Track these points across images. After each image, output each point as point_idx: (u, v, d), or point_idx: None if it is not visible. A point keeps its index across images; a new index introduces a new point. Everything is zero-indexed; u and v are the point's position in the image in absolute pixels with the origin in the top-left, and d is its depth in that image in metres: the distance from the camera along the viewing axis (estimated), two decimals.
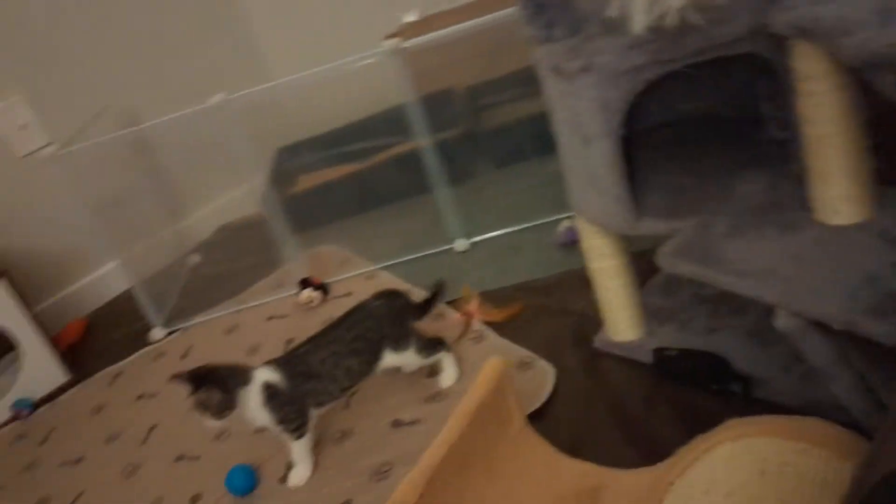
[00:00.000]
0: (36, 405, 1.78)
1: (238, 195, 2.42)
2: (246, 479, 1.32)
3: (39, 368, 1.79)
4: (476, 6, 1.77)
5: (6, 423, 1.75)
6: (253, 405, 1.23)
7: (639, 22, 0.97)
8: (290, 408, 1.25)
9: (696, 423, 1.00)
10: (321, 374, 1.27)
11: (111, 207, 1.85)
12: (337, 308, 1.77)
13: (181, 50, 2.29)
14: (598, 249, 1.23)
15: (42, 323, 1.80)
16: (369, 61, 1.62)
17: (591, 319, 1.39)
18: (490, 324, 1.51)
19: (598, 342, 1.35)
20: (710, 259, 1.02)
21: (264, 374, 1.25)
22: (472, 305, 1.53)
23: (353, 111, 2.32)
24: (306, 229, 2.01)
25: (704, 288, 1.31)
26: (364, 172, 2.21)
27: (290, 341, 1.71)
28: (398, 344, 1.34)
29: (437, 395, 1.39)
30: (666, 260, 1.06)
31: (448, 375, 1.40)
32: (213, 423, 1.21)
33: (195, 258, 2.26)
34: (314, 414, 1.29)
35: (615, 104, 1.05)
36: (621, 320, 1.28)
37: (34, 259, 2.03)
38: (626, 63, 1.02)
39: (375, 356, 1.33)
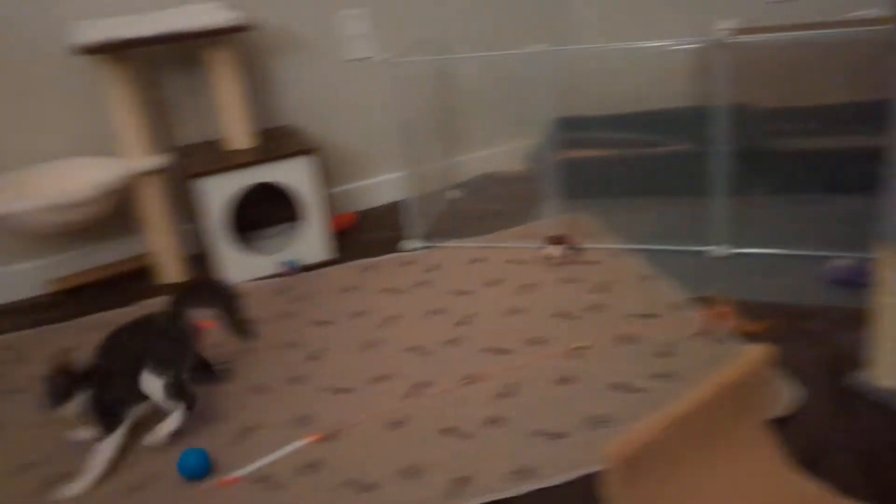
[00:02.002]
0: (301, 269, 2.03)
1: (507, 150, 2.56)
2: (199, 462, 1.32)
3: (313, 241, 2.05)
4: (802, 26, 1.73)
5: (275, 276, 2.02)
6: None
7: None
8: None
9: None
10: None
11: (407, 126, 2.04)
12: (575, 271, 1.85)
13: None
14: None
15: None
16: (695, 46, 1.65)
17: (847, 357, 1.34)
18: (739, 333, 1.50)
19: (852, 380, 1.30)
20: None
21: None
22: (724, 310, 1.53)
23: (643, 101, 2.35)
24: (565, 196, 2.09)
25: None
26: (637, 159, 2.25)
27: (526, 287, 1.81)
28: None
29: (669, 375, 1.42)
30: None
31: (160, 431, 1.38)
32: None
33: (455, 193, 2.43)
34: None
35: None
36: (892, 364, 1.22)
37: (338, 150, 2.31)
38: None
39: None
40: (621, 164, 2.27)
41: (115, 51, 1.78)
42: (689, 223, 1.96)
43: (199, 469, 1.31)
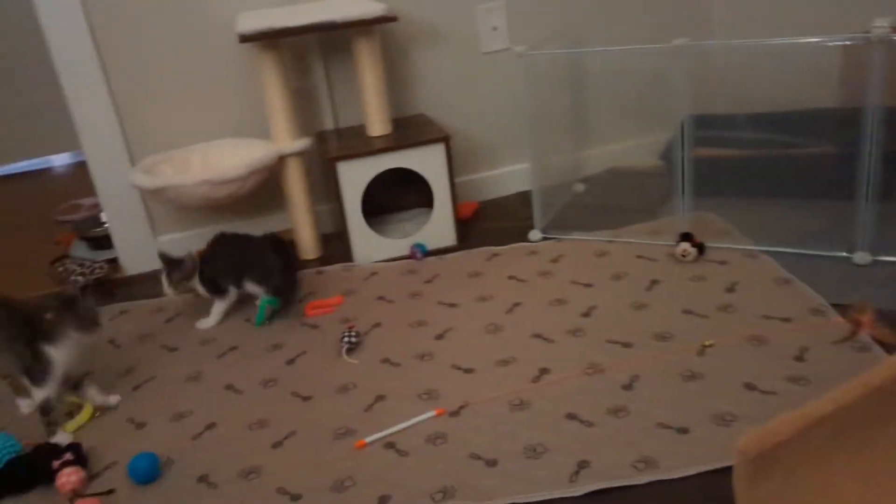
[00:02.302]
0: (427, 253, 2.11)
1: (635, 145, 2.53)
2: (149, 466, 1.35)
3: (440, 226, 2.12)
4: None
5: (404, 259, 2.11)
6: None
7: None
8: None
9: None
10: None
11: (537, 118, 2.07)
12: (705, 270, 1.82)
13: None
14: None
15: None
16: (847, 43, 1.58)
17: None
18: (879, 342, 1.44)
19: None
20: None
21: None
22: (865, 317, 1.47)
23: (785, 100, 2.27)
24: (696, 194, 2.06)
25: None
26: (775, 160, 2.17)
27: (652, 282, 1.80)
28: None
29: (802, 379, 1.38)
30: None
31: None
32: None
33: (580, 187, 2.44)
34: None
35: None
36: None
37: (466, 139, 2.38)
38: None
39: None
40: (757, 164, 2.20)
41: (271, 39, 1.91)
42: (828, 227, 1.88)
43: (148, 473, 1.34)
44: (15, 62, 3.38)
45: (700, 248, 1.88)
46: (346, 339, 1.68)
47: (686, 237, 1.89)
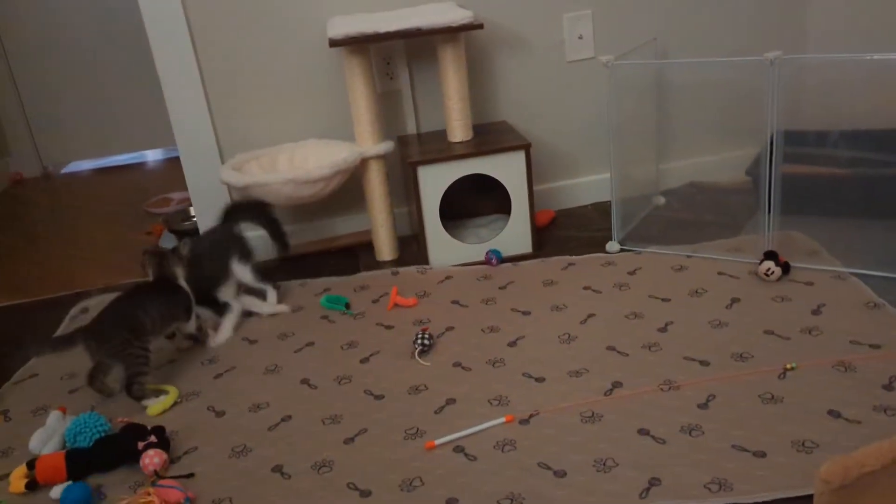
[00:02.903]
0: (503, 260, 2.11)
1: (719, 160, 2.47)
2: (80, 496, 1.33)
3: (516, 233, 2.12)
4: None
5: (478, 264, 2.12)
6: None
7: None
8: None
9: None
10: None
11: (619, 129, 2.05)
12: (791, 290, 1.77)
13: (738, 3, 2.36)
14: None
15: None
16: None
17: None
18: None
19: None
20: None
21: None
22: None
23: (878, 118, 2.18)
24: (782, 212, 1.99)
25: None
26: (869, 179, 2.08)
27: (733, 300, 1.76)
28: None
29: (890, 409, 1.32)
30: None
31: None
32: None
33: (660, 199, 2.39)
34: None
35: None
36: None
37: (545, 148, 2.37)
38: None
39: None
40: (849, 183, 2.11)
41: (359, 44, 1.95)
42: None
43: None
44: (115, 62, 3.57)
45: (785, 267, 1.82)
46: (419, 342, 1.71)
47: (770, 255, 1.83)
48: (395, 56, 2.21)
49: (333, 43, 1.93)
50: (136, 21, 2.13)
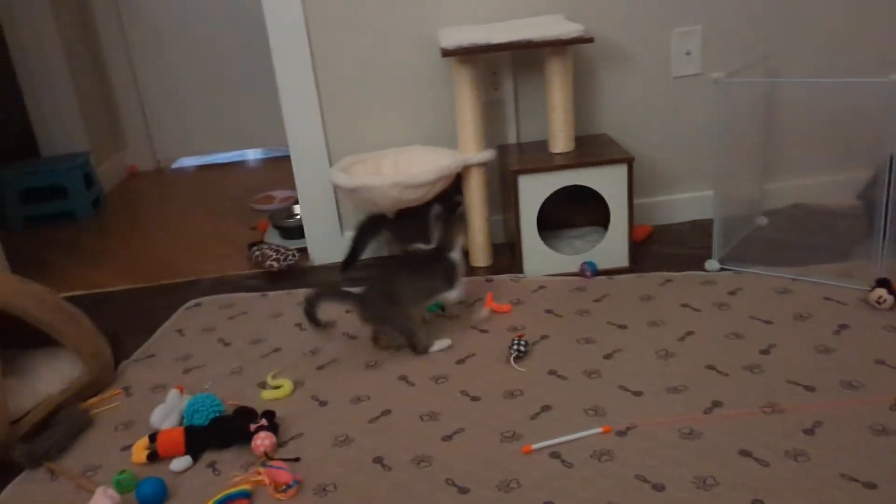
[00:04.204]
0: (598, 272, 2.12)
1: (826, 182, 2.40)
2: (155, 490, 1.38)
3: (613, 246, 2.13)
4: None
5: (572, 275, 2.13)
6: None
7: None
8: None
9: None
10: None
11: (725, 146, 2.02)
12: None
13: (853, 21, 2.29)
14: None
15: None
16: None
17: None
18: None
19: None
20: None
21: None
22: None
23: None
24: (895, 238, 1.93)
25: None
26: None
27: (841, 326, 1.71)
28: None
29: None
30: None
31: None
32: None
33: (763, 220, 2.35)
34: None
35: None
36: None
37: (647, 163, 2.36)
38: None
39: None
40: None
41: (470, 54, 2.00)
42: None
43: (154, 497, 1.38)
44: (230, 63, 3.75)
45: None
46: (515, 347, 1.73)
47: (883, 283, 1.77)
48: (502, 66, 2.26)
49: (446, 53, 1.98)
50: (256, 22, 2.24)
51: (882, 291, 1.75)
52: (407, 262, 1.93)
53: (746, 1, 2.23)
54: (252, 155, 4.02)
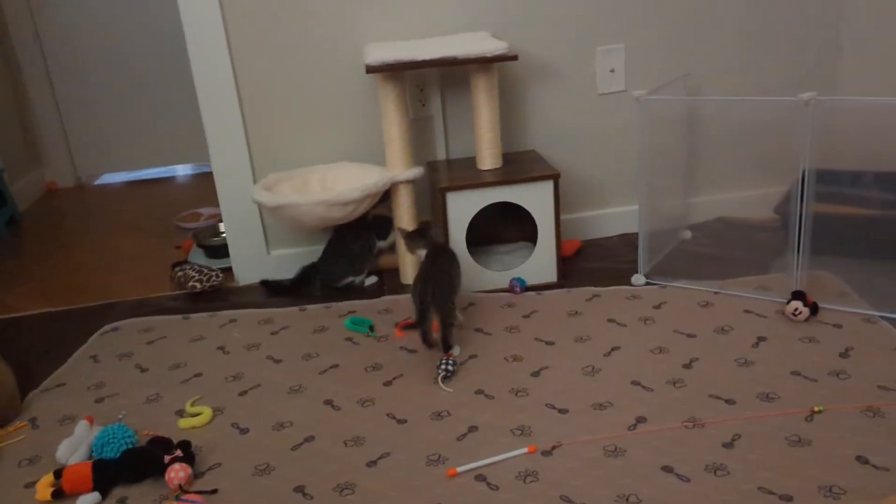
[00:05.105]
0: (527, 288, 2.12)
1: (747, 196, 2.47)
2: None
3: (541, 262, 2.13)
4: None
5: (502, 291, 2.12)
6: None
7: None
8: None
9: None
10: None
11: (648, 162, 2.05)
12: (819, 331, 1.75)
13: (770, 41, 2.37)
14: None
15: None
16: None
17: None
18: None
19: None
20: None
21: None
22: None
23: None
24: (810, 251, 1.98)
25: None
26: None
27: (759, 339, 1.75)
28: None
29: None
30: None
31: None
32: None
33: (687, 233, 2.39)
34: None
35: None
36: None
37: (573, 178, 2.38)
38: None
39: None
40: (882, 224, 2.10)
41: (395, 71, 1.99)
42: None
43: None
44: (152, 78, 3.65)
45: (813, 308, 1.81)
46: (443, 367, 1.71)
47: (798, 295, 1.82)
48: (429, 83, 2.25)
49: (370, 69, 1.96)
50: (176, 37, 2.18)
51: (798, 304, 1.80)
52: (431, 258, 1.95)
53: (666, 20, 2.29)
54: (181, 170, 3.92)
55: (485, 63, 2.02)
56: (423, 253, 1.96)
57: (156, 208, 3.27)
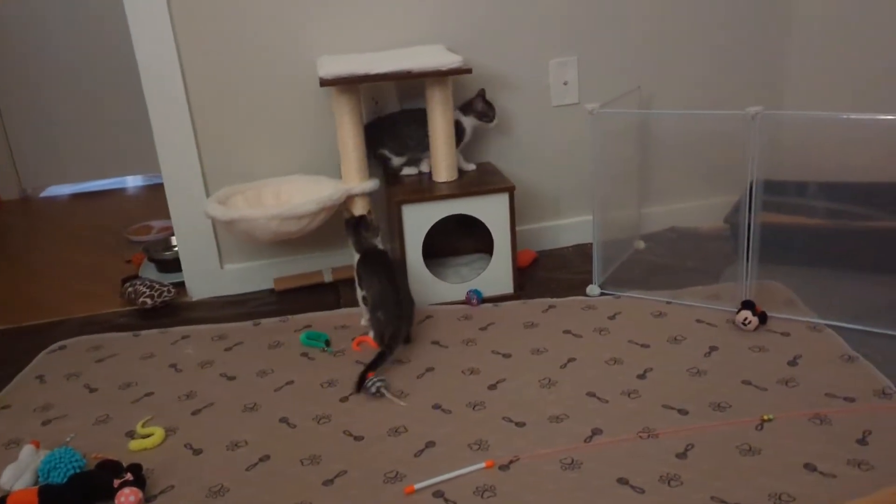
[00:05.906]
0: (484, 300, 2.13)
1: (699, 206, 2.52)
2: None
3: (497, 274, 2.14)
4: None
5: (459, 303, 2.13)
6: None
7: None
8: None
9: None
10: None
11: (601, 173, 2.08)
12: (768, 340, 1.80)
13: (720, 56, 2.42)
14: None
15: None
16: None
17: None
18: None
19: None
20: None
21: None
22: None
23: (856, 172, 2.24)
24: (760, 261, 2.03)
25: None
26: (847, 232, 2.14)
27: (711, 349, 1.78)
28: None
29: (864, 463, 1.34)
30: None
31: None
32: None
33: (641, 243, 2.43)
34: None
35: None
36: None
37: (528, 190, 2.40)
38: None
39: None
40: (828, 234, 2.16)
41: (349, 84, 1.98)
42: None
43: None
44: (99, 87, 3.56)
45: (762, 317, 1.85)
46: (373, 386, 1.68)
47: (748, 305, 1.86)
48: (385, 96, 2.24)
49: (324, 82, 1.95)
50: (125, 47, 2.14)
51: (747, 313, 1.84)
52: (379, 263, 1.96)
53: (618, 33, 2.33)
54: (132, 182, 3.83)
55: (439, 76, 2.02)
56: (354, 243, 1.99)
57: (105, 221, 3.19)
